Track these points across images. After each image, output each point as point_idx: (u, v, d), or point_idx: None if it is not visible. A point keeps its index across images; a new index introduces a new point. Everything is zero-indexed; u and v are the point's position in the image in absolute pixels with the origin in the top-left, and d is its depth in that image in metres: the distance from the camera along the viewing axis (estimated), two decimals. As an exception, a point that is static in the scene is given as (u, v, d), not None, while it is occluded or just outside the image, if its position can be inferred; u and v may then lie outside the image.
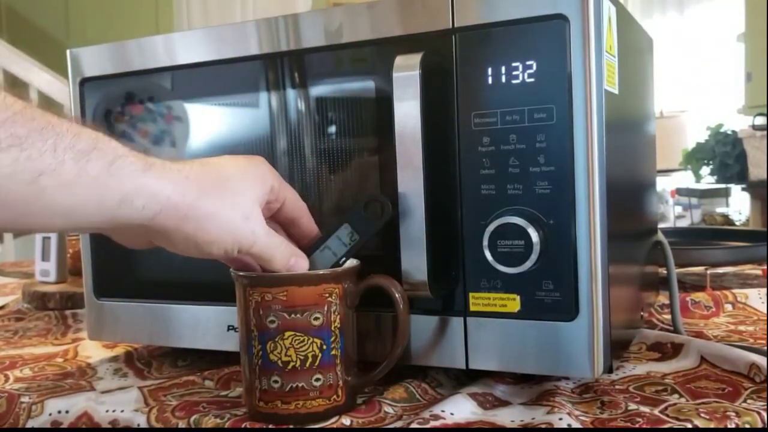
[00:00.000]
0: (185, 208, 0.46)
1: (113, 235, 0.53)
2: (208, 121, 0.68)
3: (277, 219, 0.56)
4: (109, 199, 0.43)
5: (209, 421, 0.54)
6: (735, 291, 0.88)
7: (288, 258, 0.52)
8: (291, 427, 0.53)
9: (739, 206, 3.46)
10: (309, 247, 0.55)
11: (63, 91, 2.79)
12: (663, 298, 0.83)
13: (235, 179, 0.50)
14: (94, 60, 0.71)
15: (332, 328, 0.53)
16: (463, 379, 0.61)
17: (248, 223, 0.49)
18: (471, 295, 0.57)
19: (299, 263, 0.53)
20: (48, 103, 2.91)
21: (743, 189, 3.25)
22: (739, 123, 3.31)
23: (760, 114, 2.91)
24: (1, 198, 0.40)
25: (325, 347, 0.53)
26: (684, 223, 3.34)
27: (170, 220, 0.46)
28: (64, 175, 0.41)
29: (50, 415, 0.57)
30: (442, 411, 0.53)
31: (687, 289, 0.94)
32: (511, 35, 0.54)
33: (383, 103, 0.58)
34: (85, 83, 0.72)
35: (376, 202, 0.55)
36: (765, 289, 0.87)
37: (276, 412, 0.53)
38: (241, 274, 0.53)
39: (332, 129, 0.62)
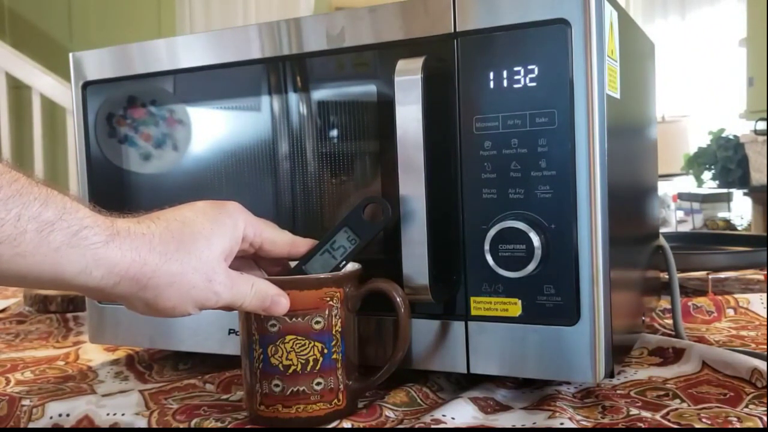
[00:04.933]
0: (145, 279, 0.45)
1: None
2: (210, 124, 0.68)
3: (260, 257, 0.56)
4: (67, 270, 0.43)
5: (210, 425, 0.54)
6: (737, 296, 0.87)
7: (262, 302, 0.51)
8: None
9: (740, 211, 3.45)
10: (308, 251, 0.55)
11: (66, 94, 2.79)
12: (665, 303, 0.83)
13: (202, 236, 0.48)
14: (97, 63, 0.72)
15: (333, 332, 0.53)
16: (464, 383, 0.61)
17: (211, 285, 0.48)
18: (472, 299, 0.57)
19: (275, 306, 0.51)
20: (51, 107, 2.92)
21: (745, 194, 3.24)
22: (740, 128, 3.31)
23: (762, 119, 2.91)
24: None
25: (326, 351, 0.53)
26: (686, 228, 3.34)
27: (130, 289, 0.46)
28: (24, 246, 0.41)
29: (51, 418, 0.57)
30: (443, 415, 0.53)
31: (689, 293, 0.94)
32: (512, 39, 0.54)
33: (385, 107, 0.58)
34: (88, 87, 0.72)
35: (375, 204, 0.55)
36: (766, 294, 0.87)
37: (277, 416, 0.53)
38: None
39: (334, 133, 0.62)
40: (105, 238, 0.44)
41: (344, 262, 0.55)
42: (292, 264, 0.57)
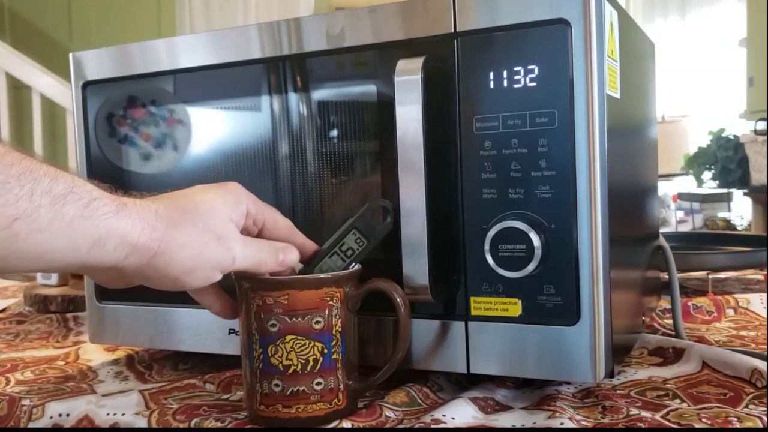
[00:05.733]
0: (155, 245, 0.46)
1: (90, 276, 0.53)
2: (210, 124, 0.68)
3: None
4: (81, 243, 0.43)
5: (210, 425, 0.54)
6: (737, 296, 0.87)
7: (275, 256, 0.52)
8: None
9: (740, 211, 3.45)
10: (317, 254, 0.56)
11: (66, 94, 2.79)
12: (665, 303, 0.83)
13: (206, 203, 0.50)
14: (97, 63, 0.72)
15: (333, 332, 0.53)
16: (464, 383, 0.61)
17: (223, 242, 0.49)
18: (472, 299, 0.57)
19: (288, 256, 0.53)
20: (51, 107, 2.92)
21: (745, 194, 3.25)
22: (740, 128, 3.31)
23: (762, 119, 2.91)
24: None
25: (326, 351, 0.53)
26: (686, 228, 3.34)
27: (141, 259, 0.46)
28: (39, 220, 0.41)
29: (51, 418, 0.57)
30: (443, 415, 0.53)
31: (689, 293, 0.94)
32: (512, 39, 0.54)
33: (385, 107, 0.58)
34: (88, 86, 0.72)
35: (382, 206, 0.55)
36: (766, 294, 0.87)
37: (277, 416, 0.53)
38: (242, 277, 0.53)
39: (334, 133, 0.62)
40: (115, 208, 0.45)
41: (354, 264, 0.55)
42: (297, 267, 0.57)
